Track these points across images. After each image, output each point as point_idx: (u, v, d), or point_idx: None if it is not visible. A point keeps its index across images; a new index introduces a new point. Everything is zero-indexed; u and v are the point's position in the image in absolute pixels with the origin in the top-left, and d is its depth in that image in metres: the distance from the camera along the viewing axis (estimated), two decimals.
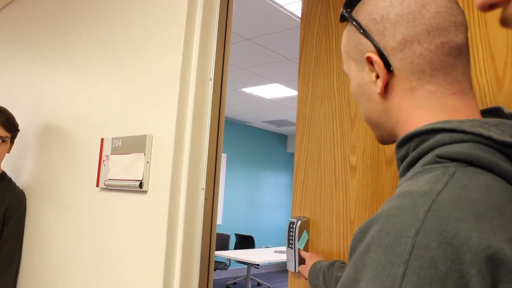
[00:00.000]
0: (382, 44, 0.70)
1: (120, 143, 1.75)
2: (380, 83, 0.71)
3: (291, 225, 1.51)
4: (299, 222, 1.50)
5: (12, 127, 2.21)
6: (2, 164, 2.32)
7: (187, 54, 1.58)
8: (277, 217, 10.69)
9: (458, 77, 0.68)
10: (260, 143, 10.39)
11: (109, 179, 1.77)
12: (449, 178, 0.56)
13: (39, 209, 2.23)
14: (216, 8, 1.65)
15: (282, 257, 6.60)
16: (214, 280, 8.83)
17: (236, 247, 8.18)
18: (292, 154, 11.40)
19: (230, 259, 7.24)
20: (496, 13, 1.05)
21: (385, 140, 0.79)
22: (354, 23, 0.75)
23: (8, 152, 2.25)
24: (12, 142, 2.25)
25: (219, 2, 1.65)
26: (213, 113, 1.59)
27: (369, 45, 0.72)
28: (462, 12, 0.70)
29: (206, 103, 1.59)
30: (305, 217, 1.53)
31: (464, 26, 0.70)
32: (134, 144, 1.67)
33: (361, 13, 0.74)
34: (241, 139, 9.84)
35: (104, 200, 1.81)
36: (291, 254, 1.50)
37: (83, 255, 1.86)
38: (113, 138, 1.79)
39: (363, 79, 0.76)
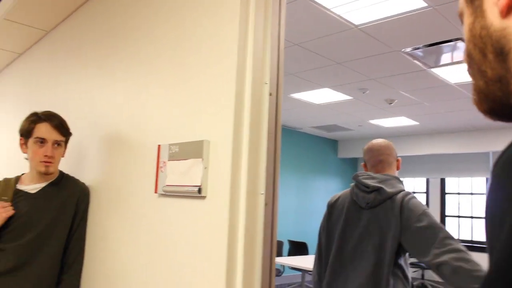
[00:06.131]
0: None
1: (177, 149, 1.76)
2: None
3: None
4: None
5: (65, 130, 2.24)
6: (59, 168, 2.35)
7: (242, 58, 1.57)
8: None
9: None
10: (311, 149, 10.32)
11: (167, 185, 1.78)
12: None
13: (100, 214, 2.27)
14: (269, 11, 1.63)
15: None
16: None
17: (289, 254, 8.12)
18: (343, 160, 11.23)
19: (284, 266, 7.18)
20: None
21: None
22: None
23: (63, 156, 2.27)
24: (65, 146, 2.28)
25: (271, 6, 1.63)
26: (270, 116, 1.57)
27: None
28: None
29: (263, 107, 1.57)
30: None
31: None
32: (191, 150, 1.67)
33: None
34: (291, 145, 9.80)
35: (163, 206, 1.82)
36: None
37: (142, 260, 1.88)
38: (170, 145, 1.80)
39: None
